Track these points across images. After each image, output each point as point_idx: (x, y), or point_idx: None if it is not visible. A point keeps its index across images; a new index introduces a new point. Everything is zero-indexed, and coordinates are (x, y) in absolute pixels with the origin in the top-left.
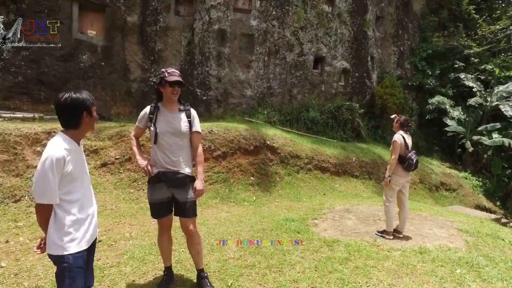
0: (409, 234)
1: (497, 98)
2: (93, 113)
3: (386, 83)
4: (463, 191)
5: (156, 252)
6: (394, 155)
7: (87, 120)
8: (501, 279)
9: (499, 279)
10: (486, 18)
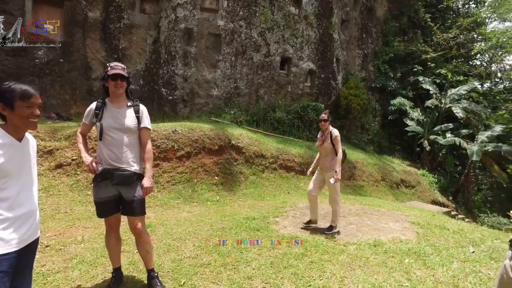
0: (366, 228)
1: (450, 100)
2: (17, 108)
3: (351, 85)
4: (421, 188)
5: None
6: (340, 150)
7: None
8: (442, 265)
9: (440, 265)
10: (440, 27)
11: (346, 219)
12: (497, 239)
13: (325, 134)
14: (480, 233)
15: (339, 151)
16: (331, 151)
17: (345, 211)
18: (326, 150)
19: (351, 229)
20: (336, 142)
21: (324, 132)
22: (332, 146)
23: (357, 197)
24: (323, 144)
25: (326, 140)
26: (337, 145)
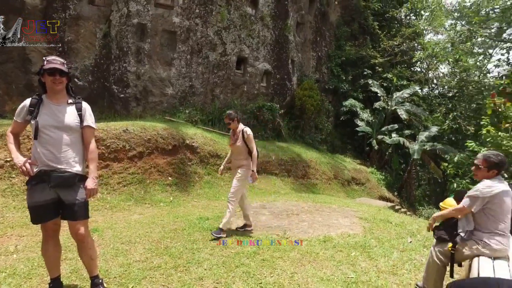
0: (317, 225)
1: (395, 103)
2: None
3: (305, 86)
4: (370, 184)
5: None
6: (255, 148)
7: None
8: (384, 255)
9: (382, 256)
10: (387, 34)
11: (299, 217)
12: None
13: (237, 134)
14: (418, 225)
15: (253, 150)
16: (244, 151)
17: (298, 209)
18: (238, 150)
19: (303, 226)
20: (249, 141)
21: (236, 131)
22: (245, 146)
23: (310, 195)
24: (235, 144)
25: (238, 139)
26: (250, 144)
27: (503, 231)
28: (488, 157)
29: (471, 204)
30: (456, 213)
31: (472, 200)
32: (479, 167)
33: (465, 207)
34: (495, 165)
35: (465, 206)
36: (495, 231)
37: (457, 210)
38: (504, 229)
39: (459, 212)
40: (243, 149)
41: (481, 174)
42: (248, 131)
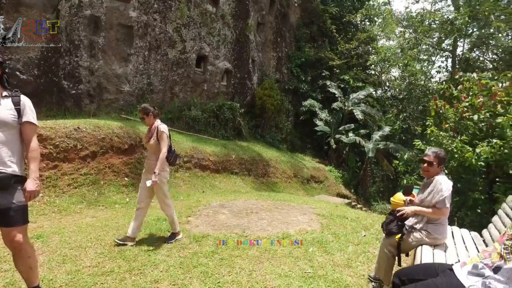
0: (276, 222)
1: (352, 103)
2: None
3: (266, 85)
4: (328, 182)
5: None
6: (164, 148)
7: None
8: (340, 250)
9: (338, 250)
10: (344, 38)
11: (259, 215)
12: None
13: (152, 130)
14: (371, 219)
15: (162, 150)
16: (158, 150)
17: (257, 207)
18: (152, 148)
19: (262, 224)
20: (162, 139)
21: (151, 128)
22: (159, 144)
23: (270, 193)
24: (149, 142)
25: (152, 137)
26: (162, 143)
27: (444, 221)
28: (438, 154)
29: (448, 203)
30: (436, 214)
31: (448, 200)
32: (432, 163)
33: (447, 208)
34: (443, 160)
35: (447, 206)
36: (438, 222)
37: (439, 213)
38: (445, 219)
39: (442, 212)
40: (157, 148)
41: (433, 170)
42: (162, 128)
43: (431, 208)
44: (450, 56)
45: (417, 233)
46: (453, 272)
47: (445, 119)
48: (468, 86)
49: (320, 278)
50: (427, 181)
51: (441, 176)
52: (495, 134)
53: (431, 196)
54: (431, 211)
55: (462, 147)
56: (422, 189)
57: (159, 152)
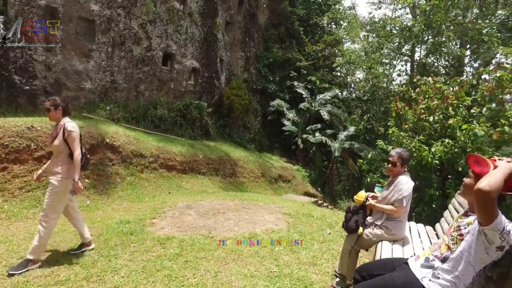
0: (243, 222)
1: (318, 104)
2: None
3: (234, 85)
4: (296, 181)
5: None
6: (77, 149)
7: None
8: (305, 248)
9: (304, 249)
10: (311, 39)
11: (225, 215)
12: None
13: (58, 128)
14: (336, 217)
15: (75, 152)
16: (62, 152)
17: (224, 207)
18: (56, 150)
19: (229, 224)
20: (71, 140)
21: (57, 126)
22: (65, 146)
23: (237, 193)
24: (54, 142)
25: (58, 136)
26: (72, 144)
27: (403, 219)
28: (401, 154)
29: (406, 202)
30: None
31: (406, 199)
32: (396, 164)
33: (404, 206)
34: (406, 160)
35: (404, 205)
36: (398, 219)
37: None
38: (404, 216)
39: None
40: (62, 150)
41: (397, 170)
42: (69, 126)
43: (390, 205)
44: (409, 61)
45: (377, 229)
46: (408, 265)
47: (405, 120)
48: (425, 89)
49: (285, 277)
50: (391, 180)
51: (404, 176)
52: (447, 134)
53: (391, 195)
54: (388, 208)
55: (419, 146)
56: (387, 187)
57: (64, 155)
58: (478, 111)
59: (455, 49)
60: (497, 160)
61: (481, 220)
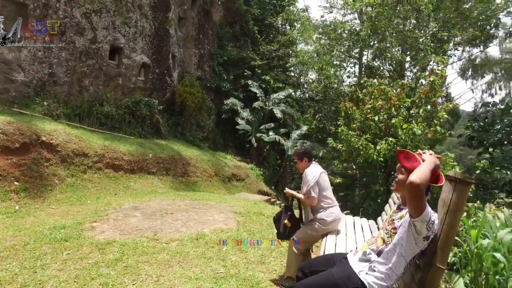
0: (192, 223)
1: (272, 103)
2: None
3: (186, 82)
4: (250, 180)
5: None
6: None
7: None
8: (254, 247)
9: (252, 248)
10: (265, 39)
11: (174, 216)
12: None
13: None
14: None
15: None
16: None
17: (173, 208)
18: None
19: (176, 225)
20: None
21: None
22: None
23: (189, 193)
24: None
25: None
26: None
27: (332, 203)
28: (296, 151)
29: (313, 191)
30: (308, 201)
31: (313, 189)
32: (296, 161)
33: (312, 195)
34: (303, 154)
35: (312, 195)
36: (326, 206)
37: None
38: (331, 201)
39: (311, 200)
40: None
41: (300, 166)
42: None
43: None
44: (357, 63)
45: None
46: (347, 260)
47: (353, 120)
48: (370, 90)
49: (232, 277)
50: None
51: (308, 168)
52: (391, 133)
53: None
54: (301, 196)
55: (366, 144)
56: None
57: None
58: (416, 112)
59: (397, 54)
60: (422, 154)
61: (412, 212)
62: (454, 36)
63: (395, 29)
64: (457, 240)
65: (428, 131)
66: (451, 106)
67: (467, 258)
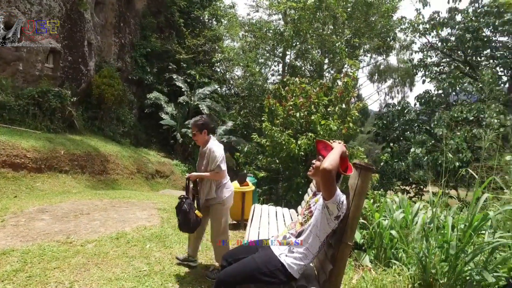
0: (111, 222)
1: (198, 98)
2: None
3: (105, 73)
4: (174, 176)
5: None
6: None
7: None
8: (179, 242)
9: (178, 243)
10: (191, 33)
11: (90, 216)
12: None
13: None
14: None
15: None
16: None
17: (90, 208)
18: None
19: (93, 225)
20: None
21: None
22: None
23: (108, 192)
24: None
25: None
26: None
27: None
28: (195, 122)
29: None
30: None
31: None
32: (193, 133)
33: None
34: (202, 125)
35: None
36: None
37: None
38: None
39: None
40: None
41: (201, 139)
42: None
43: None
44: (281, 62)
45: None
46: (269, 245)
47: (276, 116)
48: (292, 88)
49: (156, 274)
50: (202, 150)
51: (212, 143)
52: (310, 128)
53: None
54: (211, 174)
55: (288, 139)
56: (201, 157)
57: None
58: (332, 110)
59: (317, 56)
60: (332, 143)
61: (325, 195)
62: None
63: (315, 33)
64: (365, 224)
65: (342, 127)
66: (361, 106)
67: (373, 238)
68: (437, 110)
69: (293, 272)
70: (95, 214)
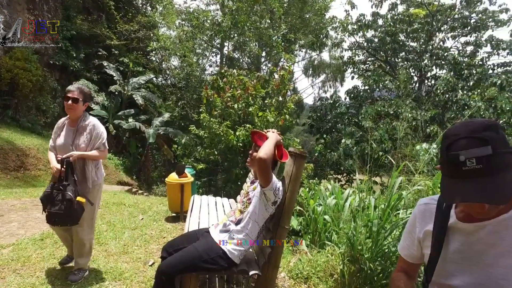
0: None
1: (132, 88)
2: None
3: (18, 55)
4: (108, 171)
5: None
6: None
7: None
8: (115, 238)
9: (113, 239)
10: (123, 17)
11: (5, 218)
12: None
13: None
14: (150, 202)
15: None
16: None
17: (4, 208)
18: None
19: (10, 228)
20: None
21: None
22: None
23: (28, 189)
24: None
25: None
26: None
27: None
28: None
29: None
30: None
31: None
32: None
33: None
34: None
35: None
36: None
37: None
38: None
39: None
40: None
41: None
42: None
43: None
44: (219, 53)
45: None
46: (209, 233)
47: (214, 107)
48: (230, 80)
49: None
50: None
51: (92, 118)
52: (248, 120)
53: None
54: (95, 154)
55: (227, 131)
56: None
57: None
58: (269, 102)
59: (254, 48)
60: (267, 132)
61: (262, 182)
62: (299, 39)
63: (253, 25)
64: (302, 211)
65: (279, 119)
66: (297, 98)
67: (308, 224)
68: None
69: (234, 258)
70: (11, 215)
